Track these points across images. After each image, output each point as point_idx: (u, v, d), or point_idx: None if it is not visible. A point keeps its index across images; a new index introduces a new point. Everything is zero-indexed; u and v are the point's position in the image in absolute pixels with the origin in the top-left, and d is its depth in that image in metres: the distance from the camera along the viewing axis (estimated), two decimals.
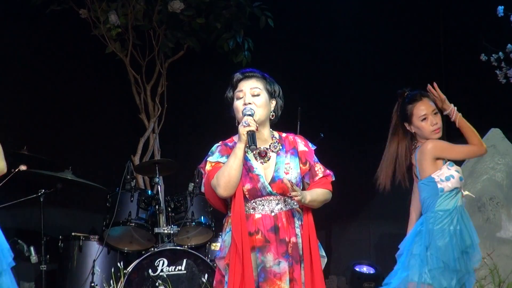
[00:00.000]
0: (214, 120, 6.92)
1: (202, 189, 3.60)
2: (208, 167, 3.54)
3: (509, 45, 5.85)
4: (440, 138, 4.37)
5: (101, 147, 7.01)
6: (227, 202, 3.57)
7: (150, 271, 5.53)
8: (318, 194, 3.58)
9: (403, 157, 4.45)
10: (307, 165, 3.62)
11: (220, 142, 3.61)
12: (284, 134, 3.68)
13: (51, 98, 6.90)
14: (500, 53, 5.88)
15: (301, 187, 3.62)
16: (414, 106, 4.37)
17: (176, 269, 5.56)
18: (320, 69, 7.32)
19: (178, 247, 5.69)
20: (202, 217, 5.98)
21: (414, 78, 7.26)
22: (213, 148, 3.60)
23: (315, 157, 3.68)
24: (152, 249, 5.77)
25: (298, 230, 3.55)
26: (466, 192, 4.33)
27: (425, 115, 4.34)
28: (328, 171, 3.67)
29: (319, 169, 3.65)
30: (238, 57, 6.95)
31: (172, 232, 5.79)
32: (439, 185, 4.24)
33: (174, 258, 5.57)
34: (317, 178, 3.63)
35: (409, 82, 7.30)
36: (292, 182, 3.49)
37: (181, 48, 7.06)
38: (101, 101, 7.08)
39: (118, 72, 7.06)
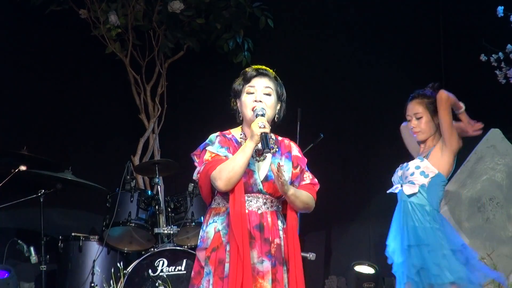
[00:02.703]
0: (214, 120, 6.93)
1: (195, 176, 3.59)
2: (207, 156, 3.55)
3: (509, 45, 5.84)
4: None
5: (101, 147, 7.01)
6: (214, 195, 3.57)
7: (150, 271, 5.53)
8: (301, 193, 3.59)
9: None
10: (298, 169, 3.64)
11: (219, 133, 3.63)
12: (280, 138, 3.70)
13: (51, 98, 6.90)
14: (500, 53, 5.87)
15: None
16: (407, 105, 4.72)
17: (176, 269, 5.56)
18: (320, 69, 7.32)
19: (178, 247, 5.69)
20: (202, 217, 5.97)
21: (414, 78, 7.26)
22: (212, 137, 3.61)
23: (306, 166, 3.70)
24: (152, 249, 5.77)
25: (281, 233, 3.57)
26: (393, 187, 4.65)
27: (408, 116, 4.66)
28: (315, 180, 3.69)
29: (308, 176, 3.67)
30: (238, 57, 6.95)
31: (172, 232, 5.79)
32: None
33: (174, 258, 5.57)
34: (304, 183, 3.64)
35: (409, 82, 7.34)
36: (280, 166, 3.48)
37: (181, 49, 7.06)
38: (101, 101, 7.08)
39: (118, 72, 7.05)
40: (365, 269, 6.94)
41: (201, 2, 6.75)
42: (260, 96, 3.57)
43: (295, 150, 3.69)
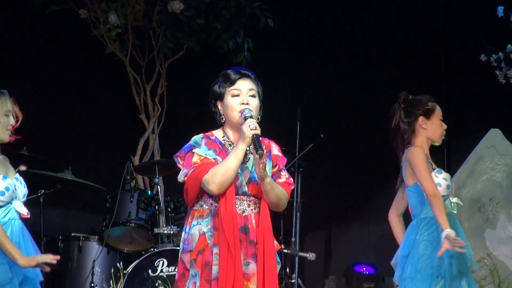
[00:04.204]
0: (214, 121, 6.93)
1: (181, 179, 3.56)
2: (195, 159, 3.52)
3: (509, 45, 5.84)
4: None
5: (101, 147, 7.01)
6: (198, 198, 3.56)
7: (150, 271, 5.53)
8: (277, 186, 3.57)
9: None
10: (276, 168, 3.64)
11: (202, 135, 3.60)
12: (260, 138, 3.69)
13: (50, 98, 6.90)
14: (500, 53, 5.87)
15: None
16: (437, 106, 4.43)
17: (176, 270, 5.55)
18: (320, 69, 7.32)
19: (178, 248, 5.67)
20: None
21: (414, 78, 7.27)
22: (197, 139, 3.58)
23: (284, 166, 3.69)
24: (152, 249, 5.77)
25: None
26: (455, 199, 4.32)
27: (442, 118, 4.41)
28: (291, 180, 3.68)
29: (284, 175, 3.66)
30: (237, 57, 6.95)
31: (171, 232, 5.78)
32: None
33: (174, 258, 5.56)
34: (280, 180, 3.63)
35: (409, 82, 7.36)
36: (266, 155, 3.49)
37: (180, 49, 7.06)
38: (101, 101, 7.08)
39: (118, 72, 7.05)
40: (365, 269, 6.94)
41: (201, 2, 6.75)
42: (246, 99, 3.56)
43: (275, 150, 3.68)
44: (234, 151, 3.46)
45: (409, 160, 4.26)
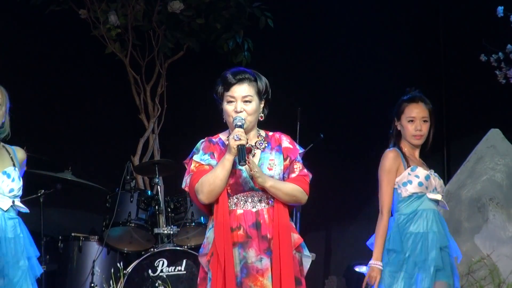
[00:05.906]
0: (214, 121, 6.93)
1: (182, 186, 3.61)
2: (192, 166, 3.59)
3: (509, 45, 5.84)
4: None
5: (101, 147, 7.01)
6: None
7: (149, 271, 5.54)
8: (285, 185, 3.56)
9: None
10: (288, 160, 3.62)
11: (206, 138, 3.65)
12: (270, 133, 3.70)
13: (50, 98, 6.90)
14: (500, 53, 5.87)
15: None
16: (408, 105, 4.46)
17: (176, 270, 5.56)
18: (320, 69, 7.31)
19: (178, 248, 5.69)
20: (202, 217, 5.99)
21: (414, 78, 7.27)
22: (198, 144, 3.64)
23: (299, 157, 3.66)
24: (152, 249, 5.77)
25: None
26: (433, 196, 4.38)
27: (413, 118, 4.42)
28: (305, 171, 3.65)
29: (297, 167, 3.64)
30: (237, 57, 6.95)
31: (171, 232, 5.79)
32: (398, 191, 4.45)
33: (173, 258, 5.57)
34: (293, 175, 3.61)
35: (409, 82, 7.33)
36: (253, 161, 3.49)
37: (180, 49, 7.06)
38: (101, 101, 7.08)
39: (118, 72, 7.05)
40: (365, 269, 6.93)
41: (201, 2, 6.75)
42: (240, 107, 3.56)
43: (286, 142, 3.67)
44: (222, 161, 3.49)
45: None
